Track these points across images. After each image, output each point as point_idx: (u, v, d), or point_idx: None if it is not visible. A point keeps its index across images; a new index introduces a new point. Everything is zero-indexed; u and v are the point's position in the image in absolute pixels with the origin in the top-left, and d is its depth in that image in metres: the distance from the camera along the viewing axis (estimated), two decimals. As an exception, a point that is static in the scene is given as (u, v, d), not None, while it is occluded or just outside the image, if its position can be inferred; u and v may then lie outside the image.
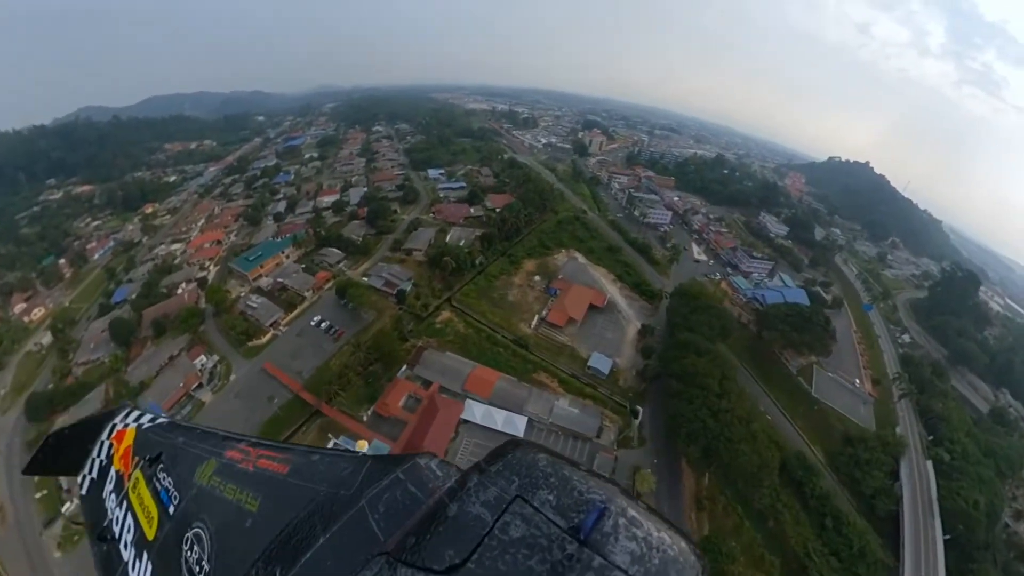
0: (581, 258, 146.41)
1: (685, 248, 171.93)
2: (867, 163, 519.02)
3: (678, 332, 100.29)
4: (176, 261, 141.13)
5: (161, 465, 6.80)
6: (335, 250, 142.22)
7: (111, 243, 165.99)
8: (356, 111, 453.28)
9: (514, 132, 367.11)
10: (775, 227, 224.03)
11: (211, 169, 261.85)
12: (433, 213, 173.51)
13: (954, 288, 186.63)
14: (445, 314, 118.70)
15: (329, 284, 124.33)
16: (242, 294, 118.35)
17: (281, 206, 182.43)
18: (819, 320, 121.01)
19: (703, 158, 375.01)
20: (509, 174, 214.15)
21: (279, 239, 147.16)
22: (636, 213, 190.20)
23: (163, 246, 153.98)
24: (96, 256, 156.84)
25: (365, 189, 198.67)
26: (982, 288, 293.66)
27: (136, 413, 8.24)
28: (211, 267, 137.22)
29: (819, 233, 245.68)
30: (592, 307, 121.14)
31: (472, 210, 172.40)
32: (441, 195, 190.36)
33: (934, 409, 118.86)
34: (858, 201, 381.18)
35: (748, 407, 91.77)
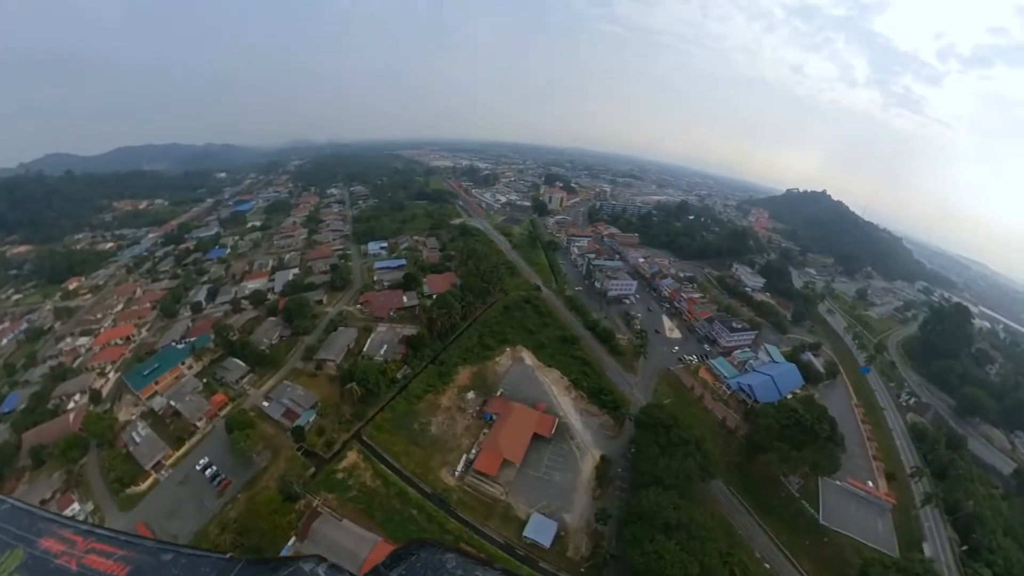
0: (529, 358, 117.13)
1: (657, 330, 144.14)
2: (824, 191, 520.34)
3: (643, 491, 70.35)
4: (77, 362, 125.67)
5: None
6: (240, 362, 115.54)
7: (23, 325, 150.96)
8: (318, 170, 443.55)
9: (473, 191, 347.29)
10: (750, 280, 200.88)
11: (151, 236, 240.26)
12: (361, 304, 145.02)
13: (945, 324, 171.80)
14: (351, 456, 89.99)
15: (225, 410, 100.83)
16: (133, 416, 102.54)
17: (203, 293, 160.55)
18: (823, 429, 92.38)
19: (667, 205, 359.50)
20: (457, 245, 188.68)
21: (183, 344, 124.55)
22: (597, 285, 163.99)
23: (70, 339, 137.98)
24: (4, 341, 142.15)
25: (296, 270, 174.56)
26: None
27: None
28: (111, 373, 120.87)
29: (796, 279, 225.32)
30: (537, 436, 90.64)
31: (405, 298, 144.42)
32: (375, 278, 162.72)
33: (963, 507, 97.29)
34: (825, 232, 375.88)
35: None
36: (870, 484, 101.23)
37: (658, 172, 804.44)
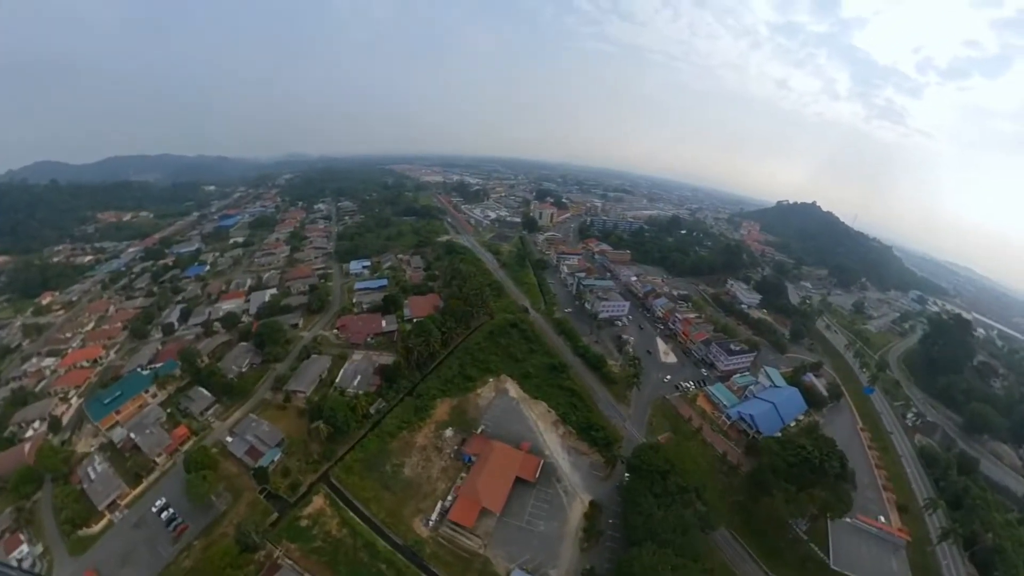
0: (514, 389, 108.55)
1: (650, 351, 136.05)
2: (814, 203, 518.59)
3: (635, 549, 61.97)
4: (40, 385, 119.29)
5: None
6: (206, 392, 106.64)
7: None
8: (307, 184, 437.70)
9: (463, 207, 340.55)
10: (746, 296, 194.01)
11: (131, 250, 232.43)
12: (337, 329, 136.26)
13: (946, 338, 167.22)
14: (317, 501, 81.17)
15: (187, 445, 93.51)
16: (92, 448, 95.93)
17: (176, 313, 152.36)
18: (833, 467, 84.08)
19: (658, 220, 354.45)
20: (443, 264, 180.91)
21: (149, 370, 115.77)
22: (588, 306, 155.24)
23: (36, 359, 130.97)
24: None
25: (274, 290, 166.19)
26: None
27: None
28: (74, 399, 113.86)
29: (793, 294, 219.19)
30: (520, 480, 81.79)
31: (384, 323, 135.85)
32: (354, 300, 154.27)
33: (980, 539, 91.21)
34: (817, 244, 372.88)
35: None
36: (882, 520, 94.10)
37: (649, 187, 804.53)
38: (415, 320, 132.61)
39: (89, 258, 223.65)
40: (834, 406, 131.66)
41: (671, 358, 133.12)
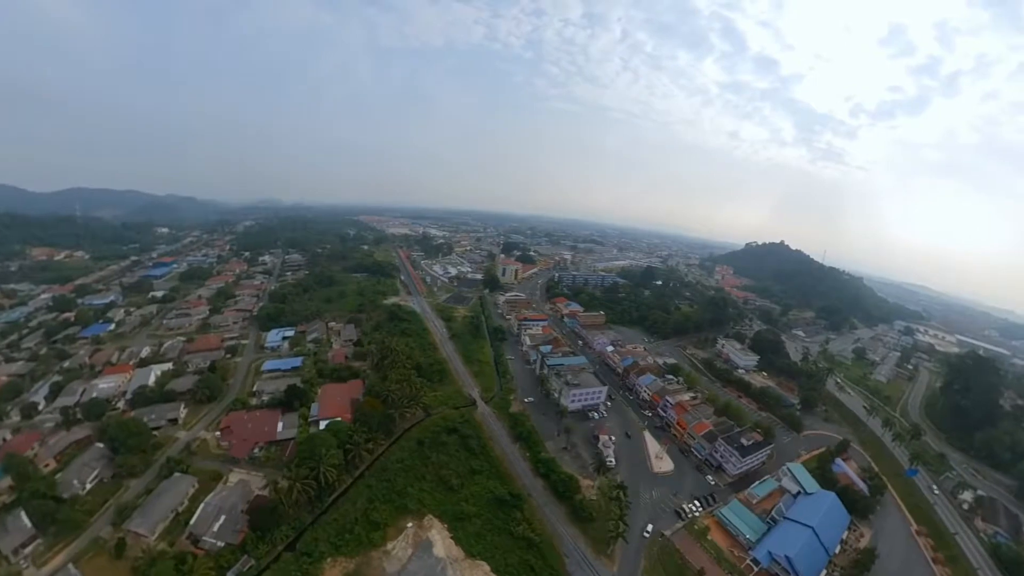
0: (441, 541, 71.62)
1: (641, 450, 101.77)
2: (782, 242, 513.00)
3: None
4: None
5: None
6: (26, 521, 70.76)
7: None
8: (264, 233, 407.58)
9: (423, 262, 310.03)
10: (742, 359, 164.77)
11: (44, 296, 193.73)
12: (222, 431, 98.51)
13: (971, 383, 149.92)
14: None
15: None
16: None
17: (44, 390, 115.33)
18: None
19: (632, 272, 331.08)
20: (378, 336, 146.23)
21: None
22: (555, 394, 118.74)
23: None
24: None
25: (169, 365, 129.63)
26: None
27: None
28: None
29: (790, 348, 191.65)
30: None
31: (281, 425, 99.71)
32: (255, 388, 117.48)
33: None
34: (796, 284, 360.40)
35: None
36: None
37: (618, 236, 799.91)
38: (323, 421, 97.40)
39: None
40: (879, 500, 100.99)
41: (665, 464, 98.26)
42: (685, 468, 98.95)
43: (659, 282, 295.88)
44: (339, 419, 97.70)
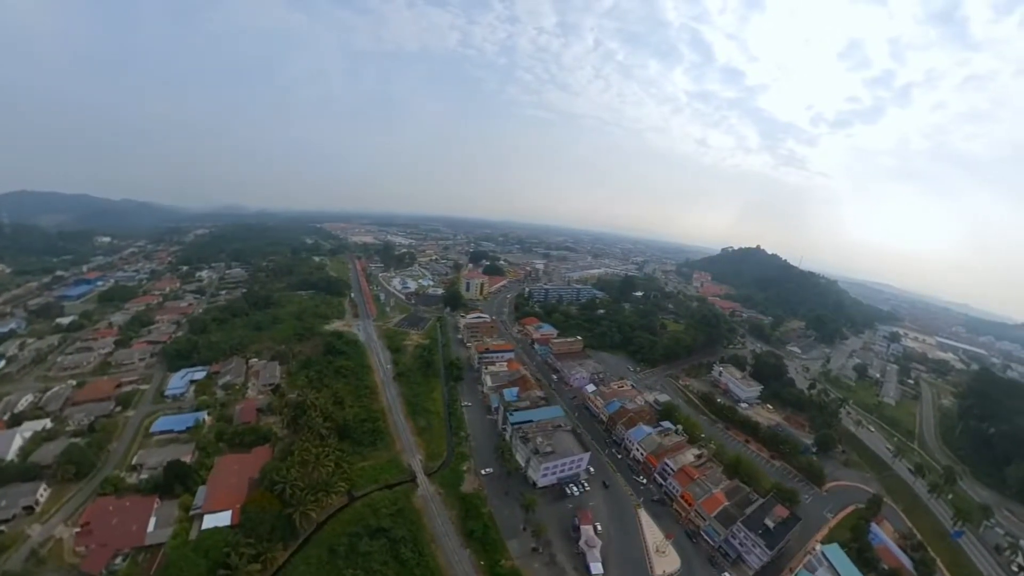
0: None
1: (638, 553, 75.05)
2: (758, 246, 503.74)
3: None
4: None
5: None
6: None
7: None
8: (212, 243, 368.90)
9: (380, 275, 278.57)
10: (744, 390, 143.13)
11: None
12: (80, 529, 69.10)
13: (994, 409, 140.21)
14: None
15: None
16: None
17: None
18: None
19: (609, 282, 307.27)
20: (302, 379, 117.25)
21: None
22: (520, 461, 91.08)
23: None
24: None
25: (47, 421, 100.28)
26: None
27: None
28: None
29: (792, 370, 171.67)
30: None
31: (153, 522, 71.80)
32: (135, 460, 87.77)
33: None
34: (778, 291, 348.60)
35: None
36: None
37: (592, 242, 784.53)
38: (208, 516, 70.10)
39: None
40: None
41: (669, 560, 72.42)
42: (694, 562, 73.66)
43: (639, 293, 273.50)
44: (227, 514, 69.37)
